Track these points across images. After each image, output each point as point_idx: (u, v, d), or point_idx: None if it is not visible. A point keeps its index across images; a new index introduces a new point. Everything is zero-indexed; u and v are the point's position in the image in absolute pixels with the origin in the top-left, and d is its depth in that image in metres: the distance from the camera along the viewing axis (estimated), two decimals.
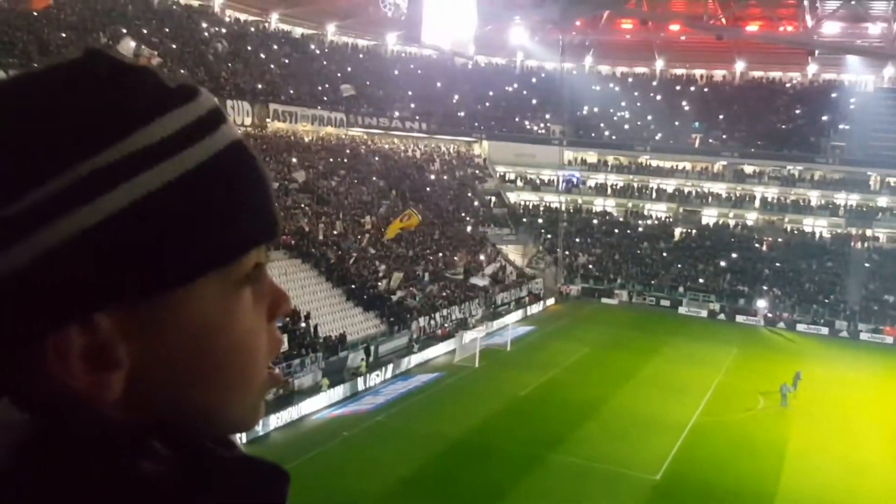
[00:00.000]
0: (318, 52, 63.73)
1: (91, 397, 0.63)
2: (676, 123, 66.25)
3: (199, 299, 0.66)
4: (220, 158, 0.66)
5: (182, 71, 45.42)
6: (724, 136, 66.72)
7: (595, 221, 64.47)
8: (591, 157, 68.11)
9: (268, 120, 49.66)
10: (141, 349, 0.64)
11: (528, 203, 66.36)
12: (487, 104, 71.74)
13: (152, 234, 0.61)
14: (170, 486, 0.63)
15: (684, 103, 69.71)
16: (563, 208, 63.37)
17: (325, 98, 56.99)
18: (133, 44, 39.55)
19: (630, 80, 75.47)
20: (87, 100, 0.62)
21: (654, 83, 74.18)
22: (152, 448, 0.64)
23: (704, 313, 53.42)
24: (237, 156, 0.68)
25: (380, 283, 40.61)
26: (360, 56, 68.34)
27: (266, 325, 0.74)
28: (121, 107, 0.63)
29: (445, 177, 63.30)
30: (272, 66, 54.96)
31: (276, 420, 27.19)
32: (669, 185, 65.47)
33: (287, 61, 57.37)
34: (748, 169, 64.07)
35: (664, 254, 59.70)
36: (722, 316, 52.97)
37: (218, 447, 0.71)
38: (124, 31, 43.23)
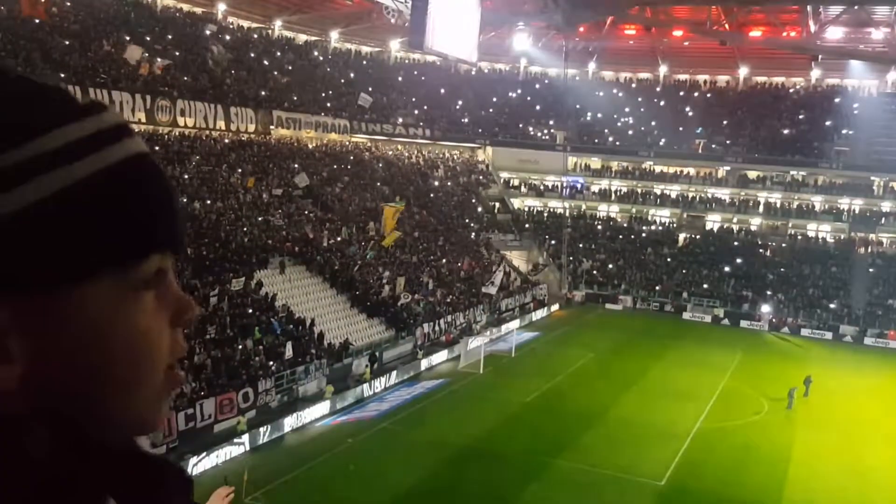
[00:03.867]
0: (321, 58, 63.86)
1: None
2: (680, 129, 66.23)
3: (94, 298, 0.67)
4: (120, 167, 0.69)
5: (185, 78, 45.46)
6: (727, 142, 66.66)
7: (599, 227, 64.33)
8: (595, 162, 68.16)
9: (271, 127, 49.74)
10: (37, 342, 0.65)
11: (532, 209, 66.40)
12: (491, 110, 71.86)
13: (48, 231, 0.63)
14: (47, 465, 0.63)
15: (688, 109, 69.75)
16: (567, 214, 63.46)
17: (329, 105, 57.14)
18: (138, 51, 39.59)
19: (633, 85, 75.58)
20: None
21: (658, 89, 74.21)
22: (37, 432, 0.64)
23: (708, 318, 53.34)
24: (138, 166, 0.71)
25: (384, 289, 40.56)
26: (364, 63, 68.46)
27: (168, 330, 0.76)
28: (21, 117, 0.66)
29: (449, 183, 63.32)
30: (276, 72, 55.00)
31: (281, 427, 27.26)
32: (673, 190, 65.48)
33: (290, 68, 57.41)
34: (752, 174, 63.96)
35: (668, 259, 59.64)
36: (726, 321, 52.84)
37: (122, 446, 0.73)
38: (128, 38, 43.31)
